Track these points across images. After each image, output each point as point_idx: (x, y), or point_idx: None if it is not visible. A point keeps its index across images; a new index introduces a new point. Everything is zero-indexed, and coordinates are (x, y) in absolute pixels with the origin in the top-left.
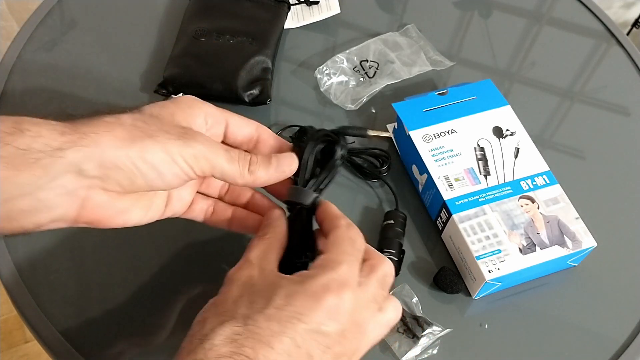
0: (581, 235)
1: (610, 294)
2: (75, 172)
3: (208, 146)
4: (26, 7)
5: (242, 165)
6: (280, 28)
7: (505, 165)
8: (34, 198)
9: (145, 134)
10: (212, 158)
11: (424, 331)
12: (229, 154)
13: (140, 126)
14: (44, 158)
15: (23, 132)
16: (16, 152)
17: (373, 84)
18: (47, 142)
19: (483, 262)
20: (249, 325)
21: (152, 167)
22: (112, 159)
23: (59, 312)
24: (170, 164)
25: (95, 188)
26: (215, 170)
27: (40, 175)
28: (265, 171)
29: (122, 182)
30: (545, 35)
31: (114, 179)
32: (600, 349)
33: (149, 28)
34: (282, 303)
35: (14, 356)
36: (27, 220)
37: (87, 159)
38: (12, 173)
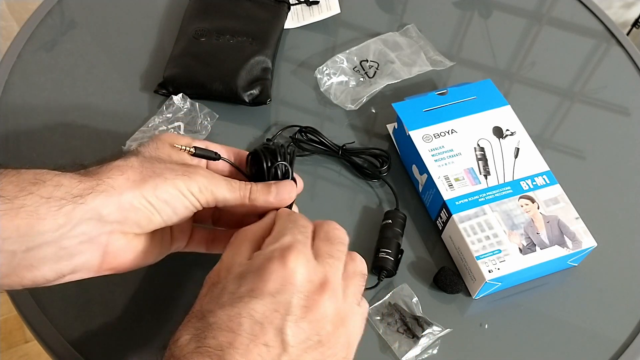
0: (581, 235)
1: (610, 294)
2: (96, 218)
3: (210, 179)
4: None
5: (242, 194)
6: (280, 28)
7: (505, 165)
8: (56, 246)
9: (155, 173)
10: (214, 190)
11: (424, 331)
12: (230, 184)
13: (148, 167)
14: (66, 205)
15: (45, 182)
16: (40, 201)
17: (373, 84)
18: (68, 190)
19: (483, 262)
20: (207, 317)
21: (165, 202)
22: (129, 200)
23: (59, 312)
24: (181, 198)
25: (115, 233)
26: (219, 200)
27: (63, 222)
28: (264, 198)
29: (141, 222)
30: (545, 35)
31: (133, 220)
32: (600, 349)
33: (149, 28)
34: (234, 287)
35: (14, 356)
36: (49, 269)
37: (106, 204)
38: (35, 221)
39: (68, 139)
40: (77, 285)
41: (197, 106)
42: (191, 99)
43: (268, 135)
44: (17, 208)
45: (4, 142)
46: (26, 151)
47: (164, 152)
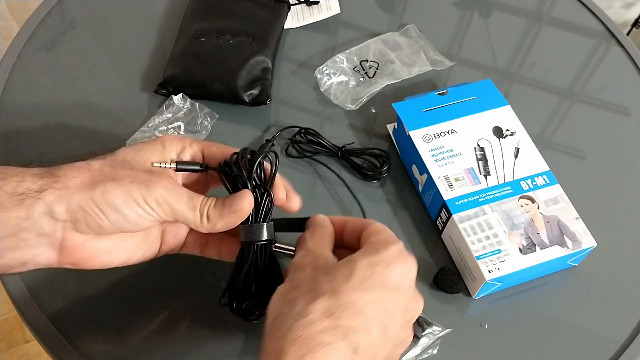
0: (581, 235)
1: (610, 294)
2: (49, 214)
3: (171, 192)
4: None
5: (201, 213)
6: (280, 28)
7: (505, 165)
8: (17, 238)
9: (109, 177)
10: (173, 204)
11: (424, 331)
12: (192, 201)
13: (106, 171)
14: (27, 199)
15: (11, 177)
16: (4, 195)
17: (373, 84)
18: (29, 186)
19: (483, 262)
20: (341, 297)
21: (115, 209)
22: (78, 201)
23: (59, 312)
24: (133, 205)
25: (70, 230)
26: (177, 215)
27: (24, 216)
28: (219, 215)
29: (91, 225)
30: (545, 35)
31: (83, 222)
32: (600, 349)
33: (149, 28)
34: (365, 273)
35: (14, 356)
36: (11, 258)
37: (58, 202)
38: (1, 214)
39: (68, 139)
40: (77, 285)
41: (197, 106)
42: (191, 99)
43: (268, 135)
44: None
45: (4, 142)
46: (26, 151)
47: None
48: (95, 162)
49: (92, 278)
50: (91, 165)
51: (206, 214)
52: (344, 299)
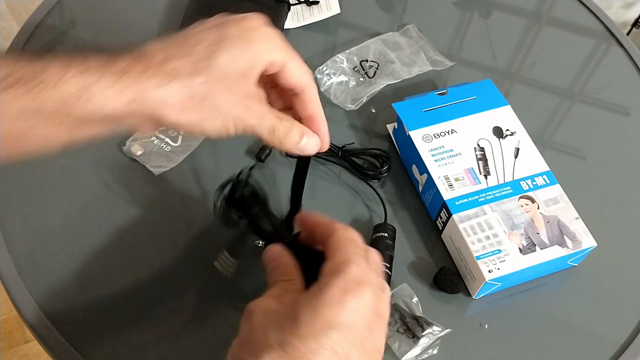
0: (581, 235)
1: (610, 294)
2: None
3: (260, 126)
4: (26, 7)
5: (279, 137)
6: (280, 28)
7: (505, 165)
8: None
9: (207, 100)
10: (257, 132)
11: (424, 331)
12: (279, 123)
13: (204, 89)
14: (107, 121)
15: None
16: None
17: (373, 84)
18: (114, 106)
19: (483, 262)
20: (286, 349)
21: (202, 130)
22: (173, 121)
23: (59, 312)
24: (219, 130)
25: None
26: (256, 134)
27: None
28: (294, 142)
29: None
30: (545, 35)
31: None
32: (600, 349)
33: (149, 28)
34: (309, 318)
35: (14, 356)
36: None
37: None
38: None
39: None
40: (77, 286)
41: None
42: None
43: None
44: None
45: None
46: None
47: (240, 58)
48: (198, 80)
49: (92, 278)
50: (194, 81)
51: (281, 140)
52: (290, 351)
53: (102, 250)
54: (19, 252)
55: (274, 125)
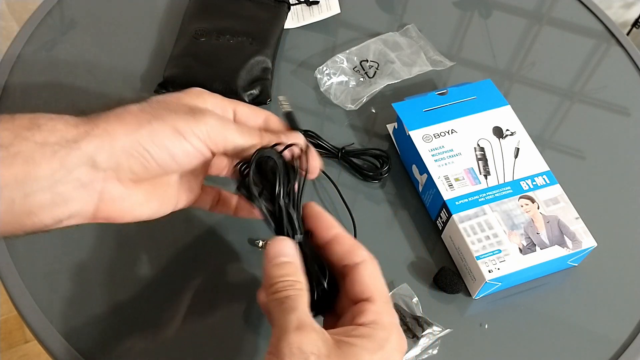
0: (581, 235)
1: (610, 294)
2: (89, 164)
3: (220, 121)
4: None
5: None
6: (280, 28)
7: (505, 165)
8: (52, 192)
9: (153, 116)
10: (225, 132)
11: (424, 331)
12: (240, 127)
13: (147, 110)
14: (60, 150)
15: (40, 126)
16: (35, 147)
17: (373, 84)
18: (62, 135)
19: (483, 262)
20: None
21: (163, 147)
22: (122, 145)
23: (59, 312)
24: (181, 142)
25: (111, 180)
26: (228, 143)
27: (58, 168)
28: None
29: (135, 169)
30: (545, 35)
31: (127, 167)
32: (600, 349)
33: (149, 28)
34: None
35: (14, 356)
36: (46, 215)
37: (99, 149)
38: (31, 168)
39: None
40: (77, 286)
41: None
42: None
43: None
44: (13, 155)
45: None
46: None
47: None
48: (133, 105)
49: (92, 278)
50: (129, 108)
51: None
52: None
53: (102, 250)
54: (19, 252)
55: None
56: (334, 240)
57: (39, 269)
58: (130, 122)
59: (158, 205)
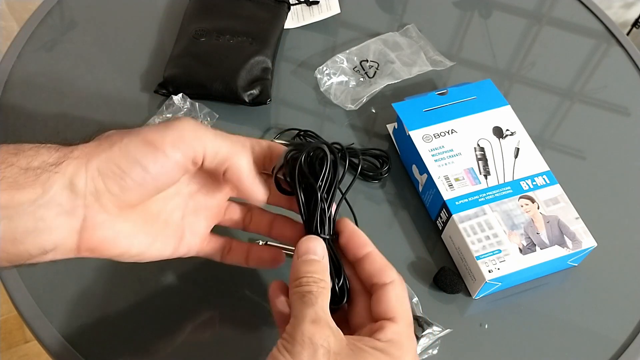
0: (581, 235)
1: (610, 294)
2: (69, 189)
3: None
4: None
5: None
6: (280, 28)
7: (505, 165)
8: (35, 217)
9: (126, 134)
10: (201, 135)
11: (424, 331)
12: (219, 132)
13: (124, 131)
14: (42, 174)
15: (25, 152)
16: (18, 172)
17: (373, 84)
18: (44, 159)
19: (483, 262)
20: None
21: (134, 161)
22: (97, 166)
23: (59, 312)
24: (153, 152)
25: (93, 206)
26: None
27: (40, 193)
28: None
29: (113, 190)
30: (545, 35)
31: (105, 189)
32: (600, 349)
33: (149, 28)
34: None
35: (14, 356)
36: (31, 244)
37: (77, 172)
38: (15, 192)
39: (68, 139)
40: (77, 286)
41: (197, 106)
42: (191, 99)
43: (268, 136)
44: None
45: (4, 142)
46: None
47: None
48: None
49: (92, 278)
50: (109, 133)
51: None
52: None
53: None
54: None
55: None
56: (366, 257)
57: (39, 269)
58: (104, 143)
59: (148, 242)
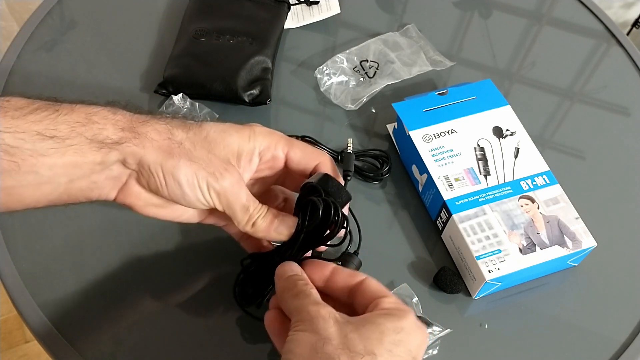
0: (581, 235)
1: (610, 294)
2: (121, 162)
3: (234, 190)
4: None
5: (250, 217)
6: (280, 28)
7: (505, 165)
8: (90, 180)
9: (185, 155)
10: (231, 200)
11: None
12: (247, 204)
13: (185, 146)
14: (104, 147)
15: (93, 123)
16: (84, 141)
17: (373, 84)
18: (108, 135)
19: (483, 262)
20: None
21: (178, 184)
22: (149, 162)
23: (59, 312)
24: (195, 188)
25: (133, 178)
26: (229, 210)
27: (99, 161)
28: (264, 228)
29: (151, 186)
30: (545, 35)
31: (145, 179)
32: (600, 349)
33: (149, 28)
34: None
35: (14, 356)
36: (82, 196)
37: (131, 155)
38: (79, 159)
39: None
40: (77, 285)
41: (197, 106)
42: (191, 99)
43: None
44: (67, 147)
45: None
46: None
47: (226, 140)
48: (179, 132)
49: (93, 278)
50: (174, 134)
51: (253, 221)
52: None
53: (102, 250)
54: (19, 252)
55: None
56: (332, 276)
57: (39, 269)
58: (164, 148)
59: (178, 214)
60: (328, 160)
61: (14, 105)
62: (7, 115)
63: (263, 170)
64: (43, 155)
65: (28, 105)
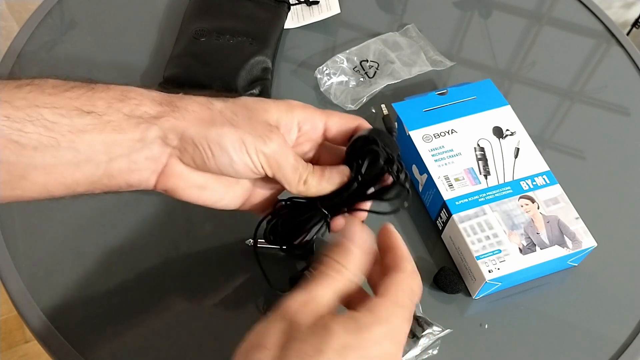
0: (581, 235)
1: (610, 294)
2: (161, 139)
3: (282, 151)
4: (26, 7)
5: (300, 176)
6: (280, 28)
7: (505, 165)
8: (129, 159)
9: (228, 122)
10: (281, 163)
11: (424, 331)
12: (296, 163)
13: (227, 114)
14: (143, 123)
15: (130, 100)
16: (122, 117)
17: (373, 84)
18: (146, 110)
19: (483, 262)
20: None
21: (225, 152)
22: (192, 135)
23: (59, 312)
24: (243, 153)
25: (174, 157)
26: (279, 173)
27: (138, 139)
28: (317, 183)
29: (196, 160)
30: (545, 35)
31: (190, 154)
32: (600, 349)
33: (149, 28)
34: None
35: (14, 356)
36: (122, 179)
37: (172, 130)
38: (118, 135)
39: None
40: (77, 285)
41: None
42: None
43: None
44: (105, 123)
45: None
46: None
47: (264, 107)
48: (217, 102)
49: (93, 278)
50: (213, 104)
51: (304, 179)
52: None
53: (103, 250)
54: (19, 252)
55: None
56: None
57: (39, 269)
58: (205, 118)
59: (218, 196)
60: (366, 122)
61: (51, 83)
62: (44, 92)
63: (301, 144)
64: (82, 131)
65: (64, 84)
